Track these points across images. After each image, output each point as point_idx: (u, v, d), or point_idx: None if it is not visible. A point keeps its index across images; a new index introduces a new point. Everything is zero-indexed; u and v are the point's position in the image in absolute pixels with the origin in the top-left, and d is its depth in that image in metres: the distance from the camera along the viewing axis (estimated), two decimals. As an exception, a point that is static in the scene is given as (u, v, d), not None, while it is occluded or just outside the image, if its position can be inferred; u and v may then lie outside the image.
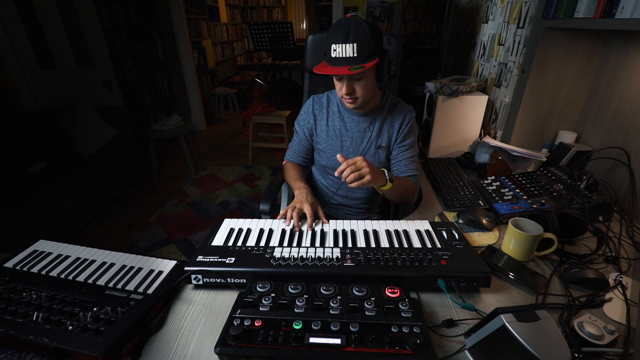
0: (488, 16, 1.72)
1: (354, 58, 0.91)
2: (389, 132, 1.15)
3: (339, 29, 0.91)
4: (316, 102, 1.19)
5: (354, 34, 0.90)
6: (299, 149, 1.24)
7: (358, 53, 0.91)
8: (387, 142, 1.15)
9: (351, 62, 0.92)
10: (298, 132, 1.23)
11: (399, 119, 1.14)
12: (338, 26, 0.92)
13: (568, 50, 1.20)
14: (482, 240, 0.94)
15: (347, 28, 0.90)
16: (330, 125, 1.17)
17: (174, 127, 3.18)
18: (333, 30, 0.93)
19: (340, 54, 0.92)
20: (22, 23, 2.73)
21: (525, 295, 0.76)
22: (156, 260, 0.81)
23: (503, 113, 1.49)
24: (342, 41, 0.90)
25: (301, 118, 1.21)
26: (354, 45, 0.90)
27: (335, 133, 1.17)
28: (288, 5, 7.74)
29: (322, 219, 0.97)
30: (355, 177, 0.89)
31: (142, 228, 2.45)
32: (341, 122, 1.16)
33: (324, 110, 1.18)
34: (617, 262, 0.84)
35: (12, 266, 0.79)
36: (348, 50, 0.91)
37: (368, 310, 0.63)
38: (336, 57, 0.93)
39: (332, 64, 0.95)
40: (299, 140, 1.23)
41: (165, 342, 0.64)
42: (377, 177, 0.95)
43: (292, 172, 1.20)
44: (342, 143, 1.17)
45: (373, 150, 1.16)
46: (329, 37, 0.94)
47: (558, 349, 0.51)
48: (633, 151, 1.06)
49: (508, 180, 1.17)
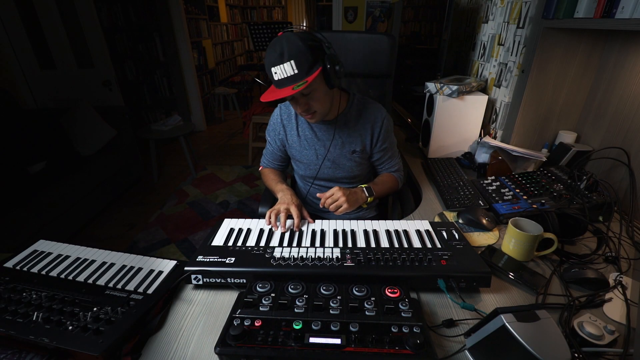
0: (488, 16, 1.72)
1: (295, 75, 0.87)
2: (362, 135, 1.12)
3: (272, 51, 0.88)
4: (284, 111, 1.16)
5: (288, 51, 0.86)
6: (273, 157, 1.24)
7: (298, 69, 0.87)
8: (362, 145, 1.13)
9: (294, 80, 0.88)
10: (270, 142, 1.21)
11: (370, 121, 1.11)
12: (271, 48, 0.89)
13: (568, 50, 1.20)
14: (482, 240, 0.94)
15: (280, 47, 0.87)
16: (301, 135, 1.15)
17: (174, 127, 3.18)
18: (268, 53, 0.90)
19: (282, 75, 0.88)
20: (22, 23, 2.73)
21: (525, 295, 0.76)
22: (156, 260, 0.81)
23: (503, 113, 1.49)
24: (278, 62, 0.87)
25: (271, 129, 1.19)
26: (291, 62, 0.86)
27: (308, 142, 1.15)
28: (288, 5, 7.74)
29: (308, 218, 0.97)
30: (334, 207, 1.02)
31: (142, 228, 2.45)
32: (311, 132, 1.14)
33: (293, 120, 1.15)
34: (617, 262, 0.84)
35: (12, 266, 0.79)
36: (287, 69, 0.87)
37: (368, 310, 0.63)
38: (279, 80, 0.89)
39: (278, 86, 0.91)
40: (272, 150, 1.22)
41: (165, 342, 0.64)
42: (356, 199, 1.07)
43: (272, 176, 1.20)
44: (316, 152, 1.15)
45: (348, 155, 1.14)
46: (266, 61, 0.91)
47: (558, 349, 0.51)
48: (633, 151, 1.06)
49: (508, 180, 1.17)
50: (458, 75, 1.66)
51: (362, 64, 1.34)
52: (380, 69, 1.35)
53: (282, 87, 0.90)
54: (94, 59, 2.84)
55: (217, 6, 5.67)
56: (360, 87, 1.39)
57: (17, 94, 2.85)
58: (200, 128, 4.54)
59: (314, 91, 0.95)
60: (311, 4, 7.63)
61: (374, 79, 1.38)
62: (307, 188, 1.25)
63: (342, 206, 1.01)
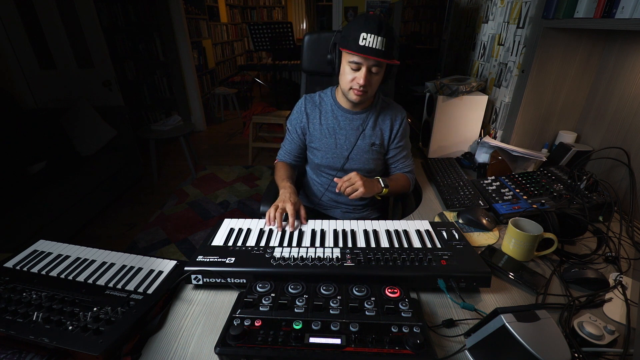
0: (488, 16, 1.72)
1: (381, 51, 0.94)
2: (382, 130, 1.18)
3: (371, 20, 0.94)
4: (308, 101, 1.21)
5: (386, 29, 0.94)
6: (291, 147, 1.25)
7: (386, 48, 0.94)
8: (381, 140, 1.18)
9: (377, 54, 0.94)
10: (290, 131, 1.24)
11: (391, 118, 1.18)
12: (369, 18, 0.95)
13: (568, 50, 1.20)
14: (482, 240, 0.94)
15: (379, 22, 0.93)
16: (323, 124, 1.18)
17: (174, 127, 3.18)
18: (364, 21, 0.95)
19: (370, 44, 0.93)
20: (22, 23, 2.73)
21: (525, 295, 0.76)
22: (156, 260, 0.81)
23: (503, 113, 1.49)
24: (375, 32, 0.93)
25: (294, 117, 1.23)
26: (384, 39, 0.94)
27: (329, 131, 1.18)
28: (288, 5, 7.74)
29: (302, 219, 0.96)
30: (351, 190, 1.02)
31: (142, 228, 2.45)
32: (334, 120, 1.18)
33: (317, 109, 1.19)
34: (617, 262, 0.84)
35: (12, 266, 0.79)
36: (378, 42, 0.93)
37: (368, 310, 0.63)
38: (365, 46, 0.94)
39: (360, 51, 0.95)
40: (292, 139, 1.24)
41: (165, 342, 0.64)
42: (372, 187, 1.06)
43: (282, 171, 1.20)
44: (336, 141, 1.18)
45: (367, 147, 1.17)
46: (357, 25, 0.95)
47: (558, 349, 0.51)
48: (633, 151, 1.06)
49: (508, 180, 1.17)
50: (458, 75, 1.66)
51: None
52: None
53: (363, 53, 0.95)
54: (94, 59, 2.84)
55: (217, 6, 5.67)
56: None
57: (17, 93, 2.85)
58: (200, 128, 4.54)
59: (378, 74, 1.02)
60: (311, 4, 7.63)
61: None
62: (321, 180, 1.26)
63: (358, 190, 1.02)
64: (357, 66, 1.00)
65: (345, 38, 0.99)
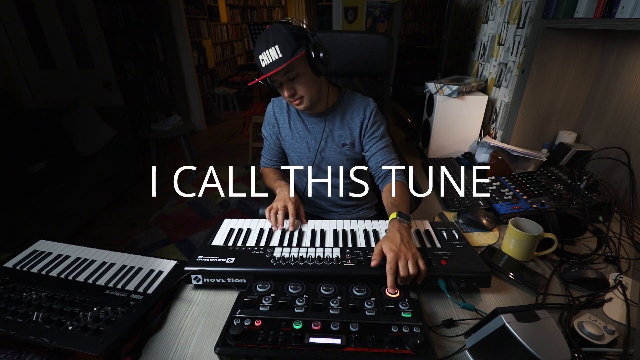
0: (488, 16, 1.72)
1: (279, 59, 0.92)
2: (351, 127, 1.13)
3: (260, 41, 0.94)
4: (276, 105, 1.19)
5: (273, 38, 0.91)
6: (271, 153, 1.24)
7: (282, 53, 0.91)
8: (351, 138, 1.13)
9: (279, 64, 0.92)
10: (266, 137, 1.22)
11: (358, 113, 1.11)
12: (259, 39, 0.95)
13: (568, 50, 1.19)
14: (482, 240, 0.94)
15: (266, 36, 0.92)
16: (293, 129, 1.16)
17: (174, 127, 3.19)
18: (256, 44, 0.95)
19: (268, 61, 0.92)
20: (22, 23, 2.73)
21: (525, 295, 0.76)
22: (156, 260, 0.81)
23: (503, 113, 1.49)
24: (264, 48, 0.92)
25: (266, 123, 1.21)
26: (275, 47, 0.91)
27: (300, 135, 1.16)
28: (288, 5, 7.74)
29: (302, 219, 0.97)
30: (413, 271, 0.71)
31: (142, 228, 2.45)
32: (302, 125, 1.15)
33: (285, 113, 1.17)
34: (617, 262, 0.84)
35: (12, 266, 0.79)
36: (272, 54, 0.91)
37: (368, 310, 0.63)
38: (266, 66, 0.93)
39: (266, 71, 0.95)
40: (269, 146, 1.23)
41: (165, 342, 0.64)
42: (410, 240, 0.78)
43: (271, 175, 1.20)
44: (307, 145, 1.16)
45: (337, 149, 1.15)
46: (255, 52, 0.96)
47: (558, 349, 0.51)
48: (633, 151, 1.06)
49: (508, 180, 1.17)
50: (458, 75, 1.66)
51: (360, 64, 1.34)
52: (378, 69, 1.35)
53: (268, 71, 0.94)
54: (94, 59, 2.84)
55: (217, 6, 5.67)
56: (358, 87, 1.39)
57: (17, 93, 2.85)
58: (200, 128, 4.54)
59: (300, 76, 0.98)
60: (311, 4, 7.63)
61: (372, 79, 1.38)
62: (302, 184, 1.26)
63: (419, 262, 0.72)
64: (278, 83, 1.00)
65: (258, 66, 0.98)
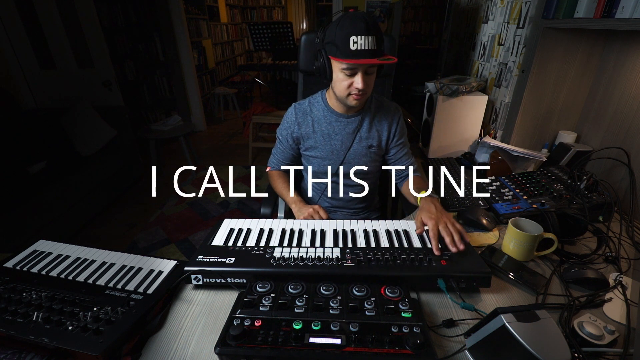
0: (488, 16, 1.72)
1: (375, 51, 0.89)
2: (379, 131, 1.15)
3: (357, 20, 0.87)
4: (298, 110, 1.16)
5: (373, 27, 0.88)
6: (283, 156, 1.22)
7: (377, 46, 0.89)
8: (378, 141, 1.15)
9: (373, 55, 0.89)
10: (281, 140, 1.20)
11: (387, 118, 1.14)
12: (354, 19, 0.88)
13: (568, 50, 1.20)
14: (482, 240, 0.94)
15: (365, 21, 0.87)
16: (317, 131, 1.14)
17: (174, 127, 3.18)
18: (349, 23, 0.88)
19: (363, 46, 0.87)
20: (22, 23, 2.72)
21: (525, 295, 0.76)
22: (156, 260, 0.81)
23: (503, 113, 1.49)
24: (364, 33, 0.86)
25: (283, 127, 1.18)
26: (374, 37, 0.88)
27: (324, 138, 1.14)
28: (288, 5, 7.73)
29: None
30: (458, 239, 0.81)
31: (142, 228, 2.45)
32: (328, 126, 1.14)
33: (308, 117, 1.15)
34: (617, 262, 0.84)
35: (12, 266, 0.79)
36: (370, 42, 0.88)
37: (368, 310, 0.63)
38: (357, 50, 0.88)
39: (355, 56, 0.89)
40: (283, 149, 1.21)
41: (165, 342, 0.64)
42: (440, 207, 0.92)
43: (280, 182, 1.21)
44: (332, 147, 1.15)
45: (364, 150, 1.15)
46: (343, 29, 0.89)
47: (558, 349, 0.51)
48: (633, 151, 1.06)
49: (508, 180, 1.17)
50: (458, 75, 1.66)
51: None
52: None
53: (358, 58, 0.90)
54: (94, 59, 2.83)
55: (217, 6, 5.67)
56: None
57: (17, 93, 2.85)
58: (200, 128, 4.54)
59: (374, 73, 0.98)
60: (311, 4, 7.63)
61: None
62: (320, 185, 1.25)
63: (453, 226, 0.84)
64: (352, 72, 0.95)
65: (333, 44, 0.92)
